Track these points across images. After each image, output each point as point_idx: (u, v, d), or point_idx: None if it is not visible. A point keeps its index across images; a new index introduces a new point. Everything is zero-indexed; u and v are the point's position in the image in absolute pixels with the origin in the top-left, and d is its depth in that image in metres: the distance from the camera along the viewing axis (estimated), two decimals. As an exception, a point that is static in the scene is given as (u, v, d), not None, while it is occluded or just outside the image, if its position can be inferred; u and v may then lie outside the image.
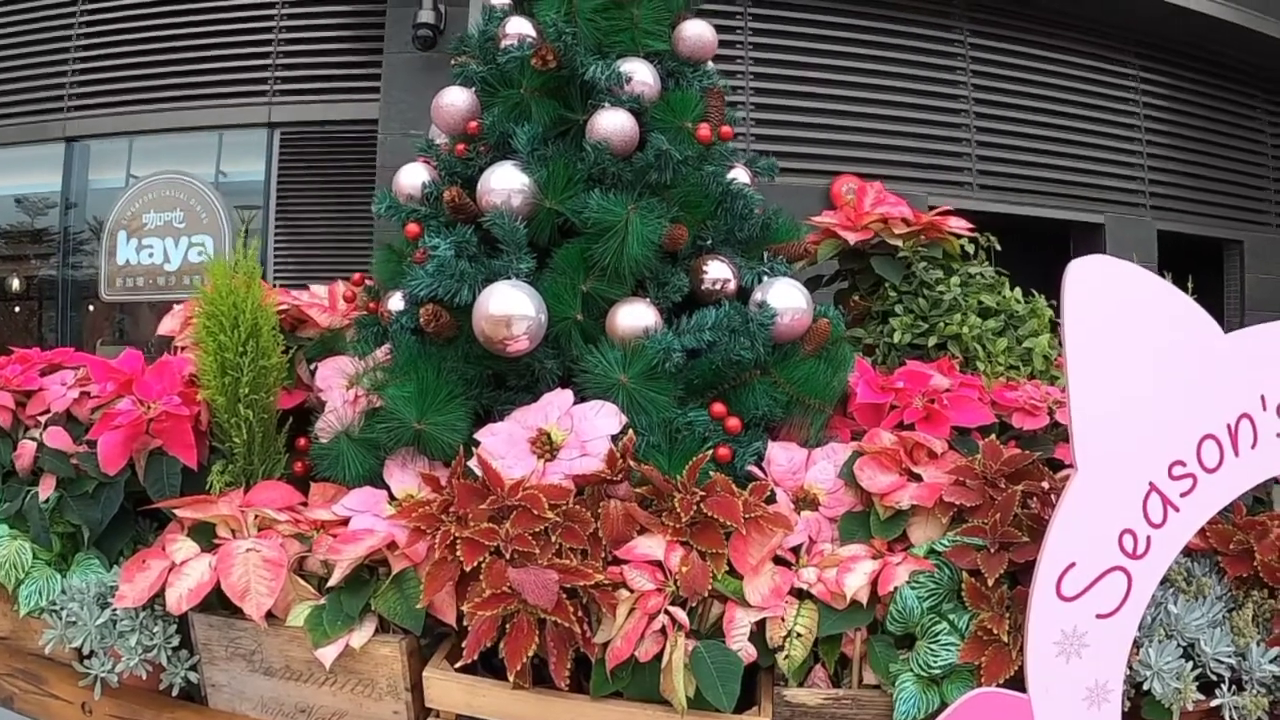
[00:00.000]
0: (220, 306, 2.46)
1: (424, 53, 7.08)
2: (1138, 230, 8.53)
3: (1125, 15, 8.34)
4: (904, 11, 7.99)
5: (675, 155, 2.44)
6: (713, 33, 2.86)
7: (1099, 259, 2.09)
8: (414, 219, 2.62)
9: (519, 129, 2.54)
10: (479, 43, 2.84)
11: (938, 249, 3.38)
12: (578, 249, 2.42)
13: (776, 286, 2.53)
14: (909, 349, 3.17)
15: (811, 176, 7.49)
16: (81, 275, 8.61)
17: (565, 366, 2.42)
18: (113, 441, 2.38)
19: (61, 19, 8.53)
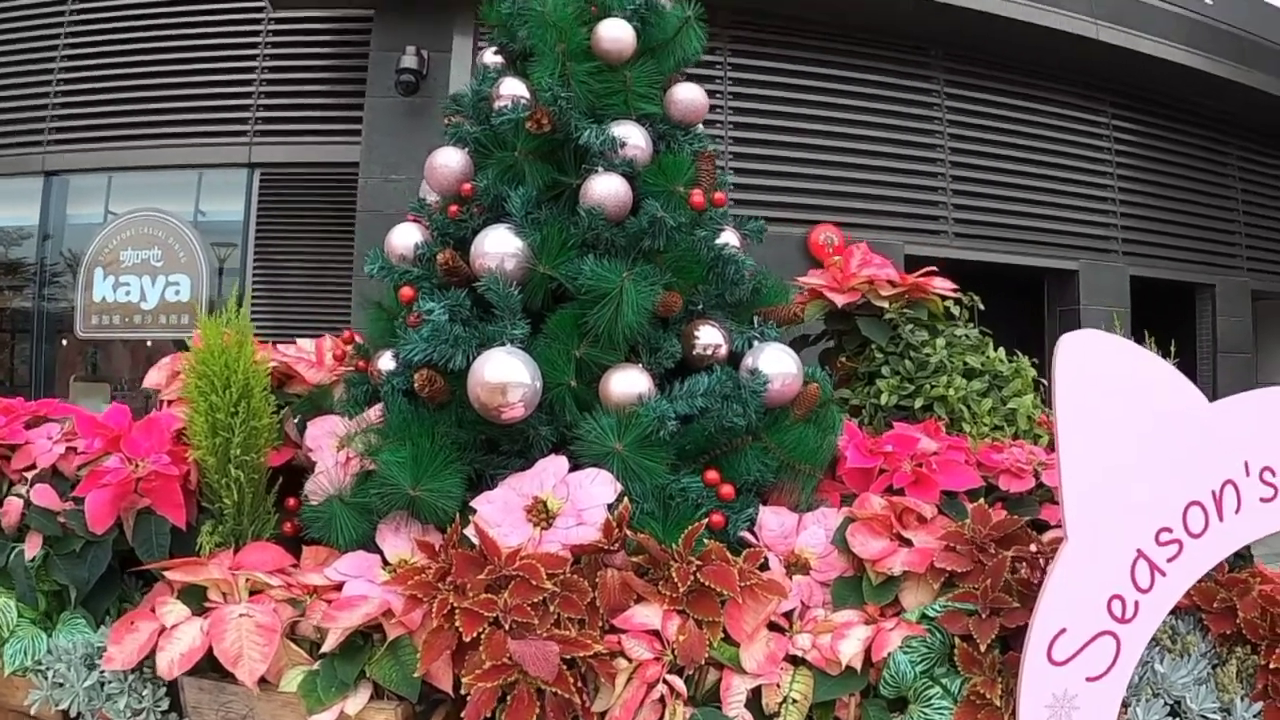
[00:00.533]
0: (212, 366, 2.45)
1: (406, 98, 7.09)
2: (1111, 276, 8.63)
3: (1098, 64, 8.46)
4: (882, 61, 8.08)
5: (669, 222, 2.47)
6: (704, 96, 2.90)
7: (1089, 334, 2.14)
8: (407, 280, 2.62)
9: (513, 192, 2.56)
10: (472, 103, 2.88)
11: (923, 309, 3.42)
12: (572, 315, 2.43)
13: (767, 352, 2.55)
14: (895, 410, 3.20)
15: (790, 225, 7.53)
16: (56, 309, 8.55)
17: (559, 432, 2.43)
18: (101, 500, 2.36)
19: (44, 53, 8.51)
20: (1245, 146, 9.68)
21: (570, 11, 2.74)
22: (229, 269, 8.27)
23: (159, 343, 8.16)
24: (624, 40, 2.75)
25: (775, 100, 7.77)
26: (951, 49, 8.24)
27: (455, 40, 7.27)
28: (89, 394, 8.45)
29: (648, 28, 2.86)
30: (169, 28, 8.35)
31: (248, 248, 8.20)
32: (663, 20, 2.89)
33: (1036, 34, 7.91)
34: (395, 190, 6.98)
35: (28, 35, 8.59)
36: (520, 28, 2.84)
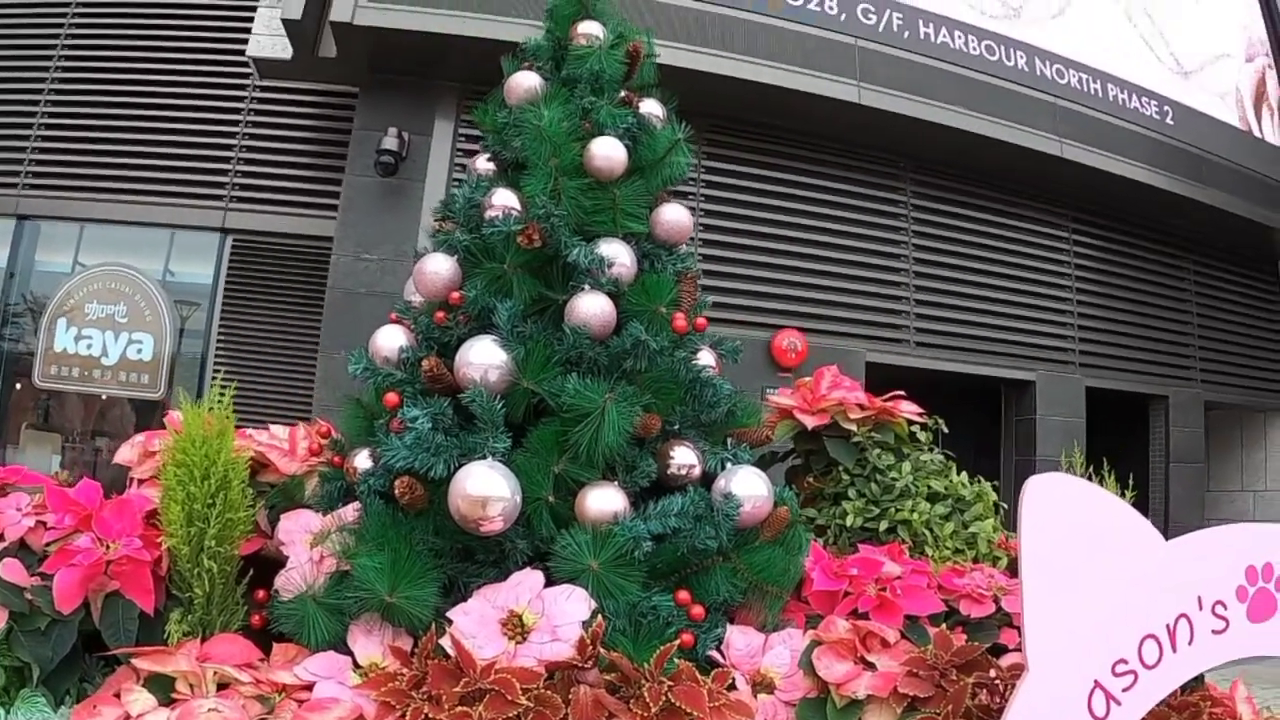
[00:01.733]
0: (192, 456, 2.47)
1: (384, 178, 7.17)
2: (1067, 387, 8.79)
3: (1062, 180, 8.71)
4: (851, 171, 8.28)
5: (652, 345, 2.53)
6: (689, 217, 2.99)
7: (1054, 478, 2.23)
8: (391, 385, 2.66)
9: (500, 304, 2.61)
10: (464, 210, 2.93)
11: (889, 432, 3.49)
12: (553, 431, 2.48)
13: (740, 475, 2.61)
14: (860, 531, 3.26)
15: (755, 329, 7.67)
16: (14, 352, 8.48)
17: (534, 545, 2.46)
18: (70, 580, 2.34)
19: (29, 95, 8.53)
20: (1201, 261, 9.97)
21: (565, 127, 2.81)
22: (192, 330, 8.24)
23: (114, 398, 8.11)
24: (616, 159, 2.83)
25: (746, 205, 7.95)
26: (920, 162, 8.47)
27: (436, 124, 7.39)
28: (39, 443, 8.38)
29: (639, 146, 2.96)
30: (156, 84, 8.42)
31: (214, 312, 8.19)
32: (654, 140, 2.99)
33: (1004, 150, 8.15)
34: (367, 269, 7.03)
35: (14, 77, 8.61)
36: (515, 138, 2.91)
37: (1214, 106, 9.61)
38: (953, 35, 8.13)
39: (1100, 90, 8.77)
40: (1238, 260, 10.19)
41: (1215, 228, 9.58)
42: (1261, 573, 2.34)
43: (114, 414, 8.54)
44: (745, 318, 7.67)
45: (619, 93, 3.08)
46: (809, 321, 7.86)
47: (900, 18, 7.95)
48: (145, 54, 8.52)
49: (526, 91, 3.01)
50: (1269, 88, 10.18)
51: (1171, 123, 9.12)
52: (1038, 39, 8.63)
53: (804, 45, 7.48)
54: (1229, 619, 2.29)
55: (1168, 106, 9.17)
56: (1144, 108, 9.00)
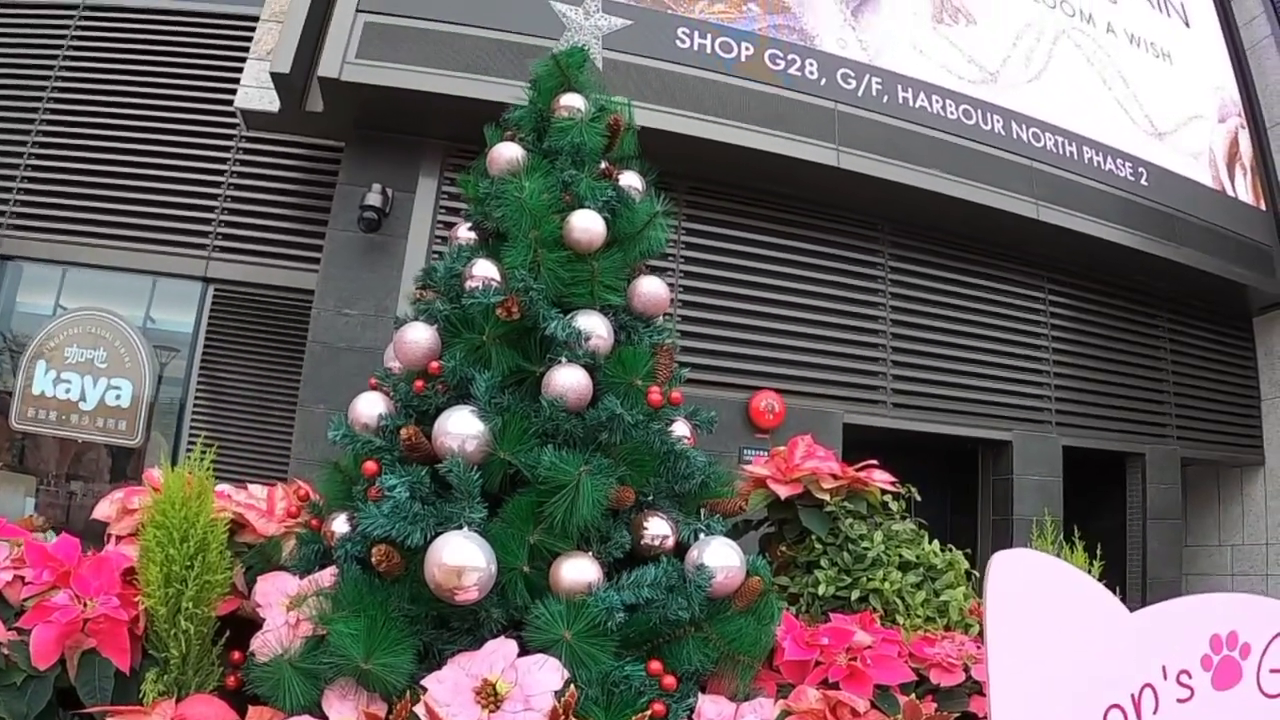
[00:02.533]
0: (171, 518, 2.49)
1: (367, 234, 7.21)
2: (1044, 446, 8.85)
3: (1038, 241, 8.81)
4: (829, 234, 8.37)
5: (627, 419, 2.58)
6: (666, 290, 3.04)
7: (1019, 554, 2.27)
8: (368, 451, 2.69)
9: (479, 375, 2.65)
10: (444, 279, 2.98)
11: (861, 501, 3.54)
12: (528, 502, 2.51)
13: (712, 546, 2.64)
14: (832, 600, 3.30)
15: (732, 390, 7.73)
16: (-9, 392, 8.46)
17: (509, 614, 2.49)
18: (47, 636, 2.36)
19: (16, 135, 8.56)
20: (1176, 319, 10.07)
21: (545, 199, 2.87)
22: (171, 378, 8.25)
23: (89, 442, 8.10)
24: (594, 231, 2.88)
25: (725, 266, 8.02)
26: (897, 224, 8.58)
27: (420, 181, 7.44)
28: (13, 484, 8.34)
29: (618, 219, 3.02)
30: (143, 130, 8.45)
31: (194, 360, 8.19)
32: (632, 213, 3.05)
33: (980, 212, 8.25)
34: (348, 324, 7.05)
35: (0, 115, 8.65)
36: (496, 209, 2.96)
37: (1188, 167, 9.75)
38: (930, 99, 8.26)
39: (1076, 152, 8.91)
40: (1212, 317, 10.31)
41: (1189, 285, 9.70)
42: (1226, 641, 2.38)
43: (89, 458, 8.50)
44: (723, 379, 7.73)
45: (599, 165, 3.15)
46: (787, 383, 7.91)
47: (879, 82, 8.09)
48: (133, 100, 8.56)
49: (508, 162, 3.07)
50: (1241, 147, 10.35)
51: (1146, 183, 9.26)
52: (1014, 103, 8.78)
53: (784, 109, 7.59)
54: (1194, 687, 2.34)
55: (1142, 168, 9.31)
56: (1119, 169, 9.14)
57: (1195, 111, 10.20)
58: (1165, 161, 9.58)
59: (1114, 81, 9.64)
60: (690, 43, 7.55)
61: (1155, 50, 10.26)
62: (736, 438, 7.45)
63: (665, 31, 7.51)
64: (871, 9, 8.55)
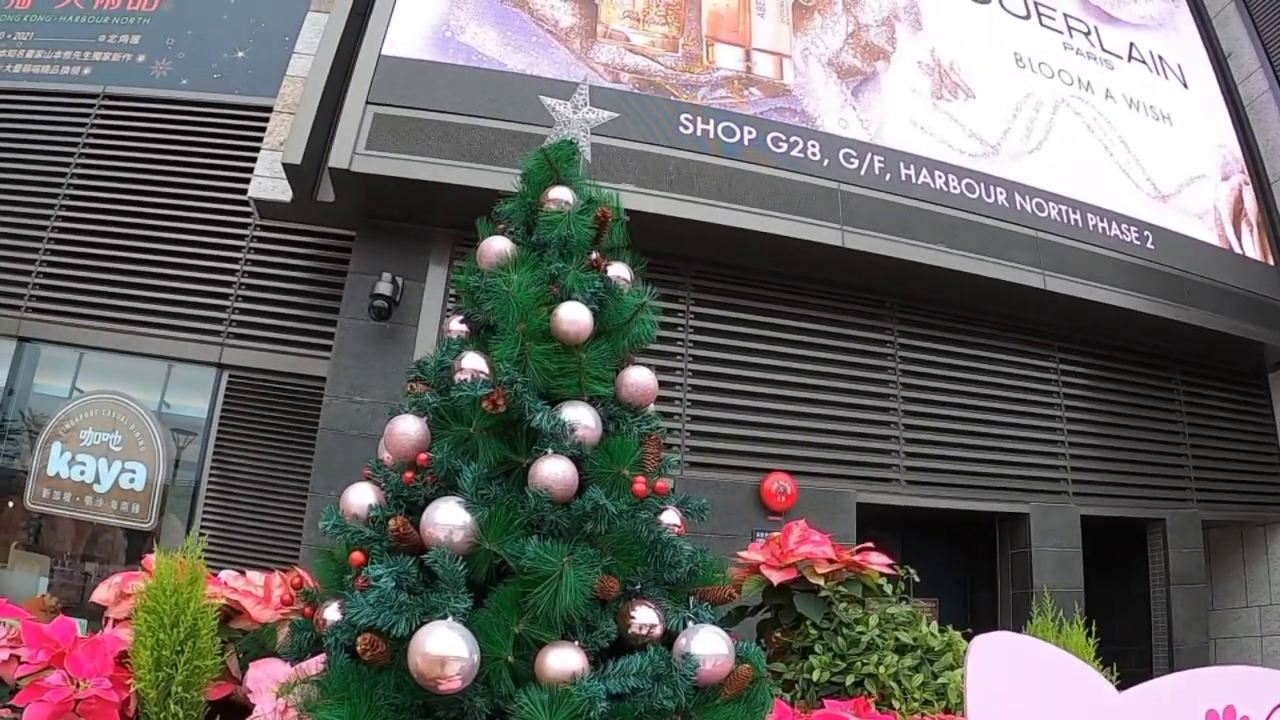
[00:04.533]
0: (163, 604, 2.53)
1: (377, 322, 7.29)
2: (1061, 517, 8.76)
3: (1046, 311, 8.83)
4: (837, 312, 8.43)
5: (611, 510, 2.60)
6: (654, 380, 3.07)
7: (999, 637, 2.27)
8: (358, 543, 2.72)
9: (466, 467, 2.68)
10: (434, 372, 3.02)
11: (858, 585, 3.54)
12: (513, 592, 2.52)
13: (700, 635, 2.64)
14: (828, 685, 3.28)
15: (744, 473, 7.74)
16: (8, 471, 8.53)
17: (493, 703, 2.49)
18: (39, 715, 2.41)
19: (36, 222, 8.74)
20: (1189, 381, 10.01)
21: (532, 292, 2.91)
22: (186, 462, 8.33)
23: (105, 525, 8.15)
24: (581, 323, 2.92)
25: (734, 349, 8.07)
26: (905, 300, 8.61)
27: (430, 269, 7.55)
28: (28, 564, 8.40)
29: (605, 310, 3.05)
30: (159, 218, 8.65)
31: (208, 444, 8.28)
32: (620, 304, 3.08)
33: (987, 285, 8.30)
34: (359, 412, 7.11)
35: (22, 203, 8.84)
36: (486, 301, 3.01)
37: (1193, 227, 9.76)
38: (933, 175, 8.35)
39: (1080, 220, 8.95)
40: (1226, 376, 10.25)
41: (1201, 346, 9.67)
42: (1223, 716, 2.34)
43: (105, 540, 8.56)
44: (734, 461, 7.74)
45: (588, 256, 3.19)
46: (798, 464, 7.91)
47: (881, 161, 8.18)
48: (151, 188, 8.79)
49: (497, 255, 3.12)
50: (1246, 204, 10.36)
51: (1152, 246, 9.28)
52: (1017, 174, 8.87)
53: (788, 190, 7.70)
54: None
55: (1147, 231, 9.34)
56: (1124, 234, 9.17)
57: (1198, 171, 10.25)
58: (1171, 223, 9.61)
59: (1115, 147, 9.71)
60: (693, 128, 7.67)
61: (1155, 113, 10.35)
62: (749, 520, 7.43)
63: (668, 118, 7.64)
64: (872, 88, 8.68)
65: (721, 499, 7.02)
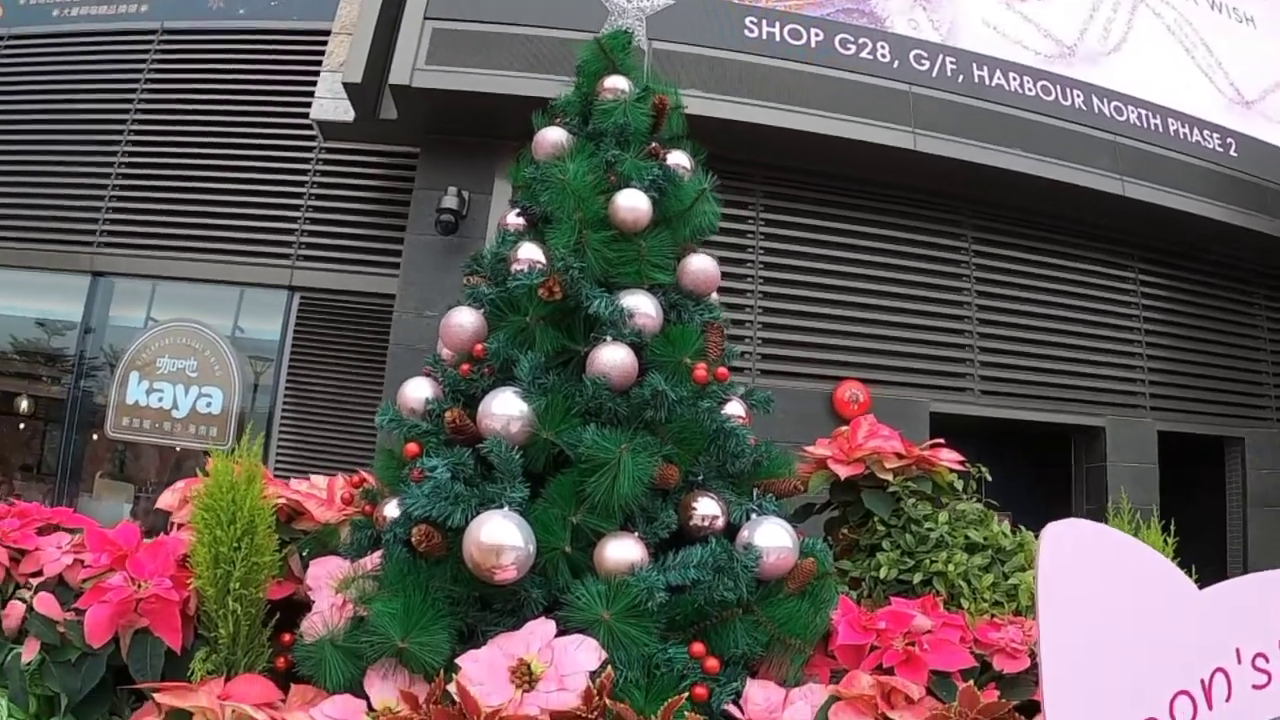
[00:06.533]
0: (219, 500, 2.52)
1: (444, 237, 7.27)
2: (1138, 431, 8.56)
3: (1125, 219, 8.53)
4: (911, 219, 8.20)
5: (671, 395, 2.54)
6: (715, 267, 2.99)
7: (1072, 524, 2.16)
8: (415, 435, 2.69)
9: (522, 356, 2.64)
10: (491, 264, 2.98)
11: (928, 482, 3.44)
12: (570, 481, 2.49)
13: (764, 527, 2.59)
14: (895, 584, 3.20)
15: (816, 381, 7.62)
16: (90, 405, 8.71)
17: (551, 595, 2.47)
18: (100, 615, 2.42)
19: (103, 158, 8.85)
20: (1272, 295, 9.63)
21: (589, 180, 2.84)
22: (261, 385, 8.44)
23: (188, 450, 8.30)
24: (640, 210, 2.84)
25: (805, 255, 7.90)
26: (979, 206, 8.35)
27: (496, 183, 7.47)
28: (114, 493, 8.61)
29: (665, 198, 2.97)
30: (224, 147, 8.71)
31: (281, 367, 8.36)
32: (680, 191, 3.00)
33: (1064, 191, 8.02)
34: (429, 327, 7.10)
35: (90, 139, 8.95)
36: (542, 193, 2.95)
37: (1277, 135, 9.35)
38: (1007, 77, 8.07)
39: (1160, 125, 8.62)
40: (1311, 291, 9.87)
41: (1283, 258, 9.31)
42: (1313, 616, 2.23)
43: (188, 466, 8.71)
44: (806, 370, 7.62)
45: (646, 145, 3.11)
46: (871, 372, 7.77)
47: (953, 62, 7.92)
48: (214, 119, 8.83)
49: (553, 146, 3.05)
50: (1332, 110, 9.91)
51: (1235, 154, 8.91)
52: (1093, 76, 8.53)
53: (857, 93, 7.48)
54: (1271, 672, 2.17)
55: (1230, 138, 8.96)
56: (1205, 140, 8.82)
57: (1282, 76, 9.80)
58: (1255, 130, 9.20)
59: (1197, 49, 9.29)
60: (759, 31, 7.47)
61: (1238, 15, 9.88)
62: (821, 430, 7.28)
63: (733, 22, 7.44)
64: (943, -12, 8.40)
65: (794, 408, 6.92)
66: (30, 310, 9.21)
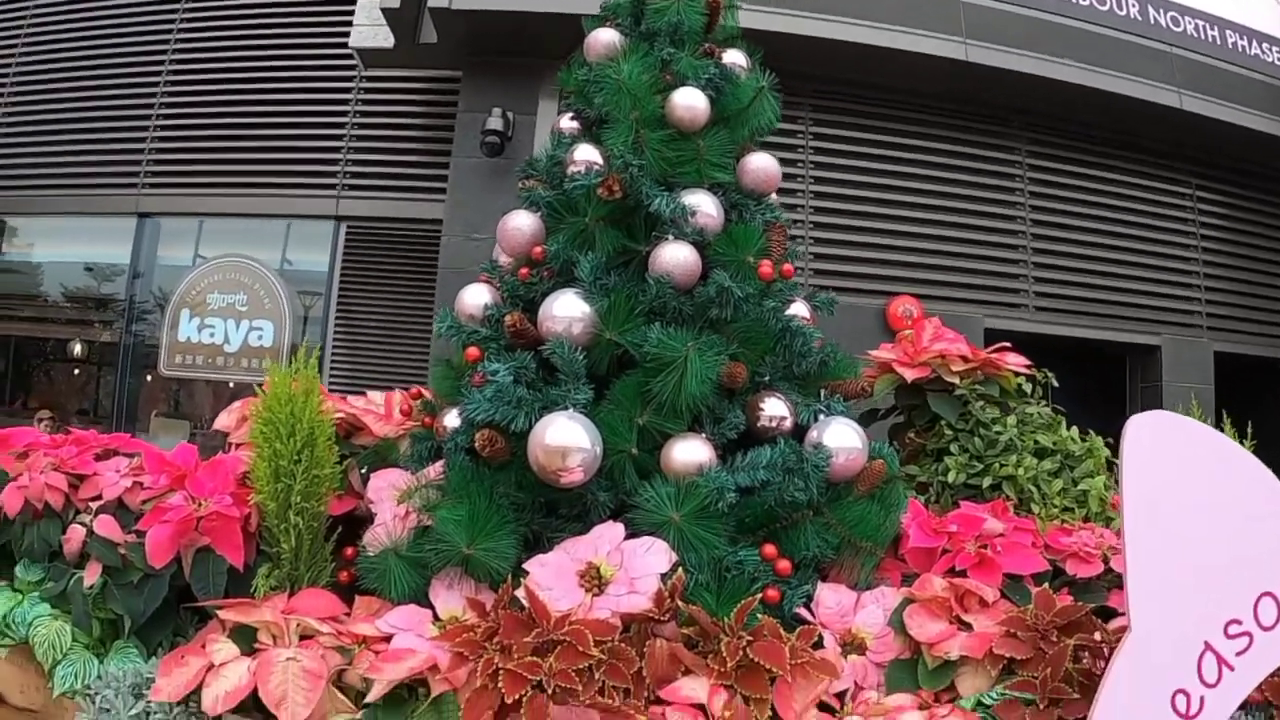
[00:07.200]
0: (278, 414, 2.49)
1: (490, 159, 7.21)
2: (1194, 352, 8.42)
3: (1182, 134, 8.34)
4: (963, 132, 8.04)
5: (736, 292, 2.48)
6: (776, 166, 2.90)
7: (1159, 415, 2.09)
8: (474, 341, 2.65)
9: (583, 257, 2.58)
10: (547, 167, 2.91)
11: (994, 386, 3.36)
12: (636, 382, 2.43)
13: (833, 427, 2.53)
14: (963, 488, 3.13)
15: (868, 296, 7.54)
16: (142, 346, 8.79)
17: (618, 498, 2.42)
18: (161, 535, 2.39)
19: (143, 99, 8.85)
20: (1333, 215, 9.42)
21: (645, 80, 2.76)
22: (312, 317, 8.46)
23: (241, 384, 8.35)
24: (698, 109, 2.76)
25: (856, 170, 7.77)
26: (1034, 119, 8.18)
27: (541, 103, 7.40)
28: (169, 430, 8.68)
29: (722, 97, 2.88)
30: (264, 81, 8.67)
31: (331, 298, 8.38)
32: (737, 90, 2.91)
33: (1120, 104, 7.84)
34: (477, 249, 7.07)
35: (128, 81, 8.94)
36: (596, 95, 2.87)
37: (1337, 49, 9.06)
38: (1060, -15, 7.85)
39: (1219, 37, 8.37)
40: (1372, 210, 9.58)
41: (1345, 178, 9.03)
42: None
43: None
44: (859, 285, 7.52)
45: (700, 45, 3.02)
46: (924, 288, 7.66)
47: (1005, -30, 7.71)
48: (253, 51, 8.80)
49: (605, 47, 2.97)
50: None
51: (1294, 68, 8.66)
52: (1149, -15, 8.28)
53: (907, 3, 7.31)
54: None
55: (1289, 51, 8.71)
56: (1265, 54, 8.57)
57: (1346, -10, 9.45)
58: (1317, 46, 8.92)
59: (1255, -41, 9.00)
60: (803, -60, 7.29)
61: (1298, -76, 9.54)
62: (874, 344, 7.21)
63: (780, -69, 7.27)
64: (991, -108, 8.13)
65: (846, 322, 6.81)
66: (80, 255, 9.27)
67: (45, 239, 9.46)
